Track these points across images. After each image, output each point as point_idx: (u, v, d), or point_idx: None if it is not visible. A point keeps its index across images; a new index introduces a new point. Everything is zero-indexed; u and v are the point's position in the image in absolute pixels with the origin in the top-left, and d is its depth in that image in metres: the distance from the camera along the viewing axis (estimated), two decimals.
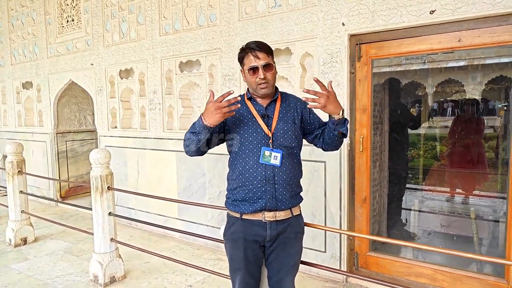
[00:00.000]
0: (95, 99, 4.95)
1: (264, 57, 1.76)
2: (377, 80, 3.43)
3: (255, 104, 1.84)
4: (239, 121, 1.81)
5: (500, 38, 2.42)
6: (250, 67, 1.77)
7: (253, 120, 1.80)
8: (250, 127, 1.79)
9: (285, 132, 1.80)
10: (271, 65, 1.78)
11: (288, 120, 1.82)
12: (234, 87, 3.58)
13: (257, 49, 1.76)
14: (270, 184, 1.74)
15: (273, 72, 1.80)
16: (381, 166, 3.58)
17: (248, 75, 1.79)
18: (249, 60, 1.77)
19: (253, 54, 1.76)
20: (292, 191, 1.81)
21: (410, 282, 2.84)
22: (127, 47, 4.49)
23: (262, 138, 1.77)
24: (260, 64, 1.74)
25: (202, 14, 3.80)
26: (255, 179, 1.75)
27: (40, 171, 5.79)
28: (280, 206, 1.76)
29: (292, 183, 1.81)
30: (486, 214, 3.96)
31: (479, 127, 4.65)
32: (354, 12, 2.86)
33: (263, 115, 1.81)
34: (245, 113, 1.83)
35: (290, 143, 1.80)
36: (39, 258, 3.66)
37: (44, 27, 5.59)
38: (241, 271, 1.82)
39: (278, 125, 1.80)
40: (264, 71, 1.75)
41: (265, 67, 1.75)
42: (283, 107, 1.85)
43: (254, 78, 1.77)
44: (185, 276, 3.22)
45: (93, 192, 3.07)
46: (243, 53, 1.80)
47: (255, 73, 1.76)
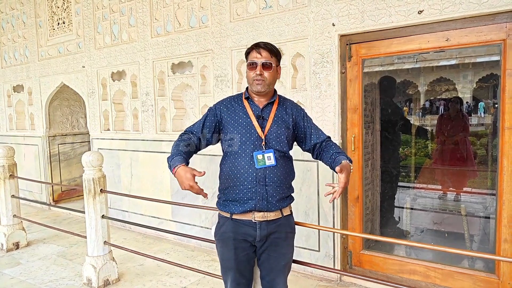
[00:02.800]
0: (87, 101, 4.92)
1: (266, 56, 1.78)
2: (369, 79, 3.46)
3: (252, 104, 1.84)
4: (234, 120, 1.81)
5: (487, 37, 2.46)
6: (249, 62, 1.79)
7: (247, 121, 1.80)
8: (244, 127, 1.79)
9: (278, 135, 1.80)
10: (271, 65, 1.78)
11: (282, 124, 1.82)
12: (226, 88, 3.60)
13: (262, 47, 1.79)
14: (260, 186, 1.74)
15: (272, 72, 1.80)
16: (373, 165, 3.60)
17: (247, 70, 1.82)
18: (251, 56, 1.80)
19: (257, 50, 1.79)
20: (283, 193, 1.81)
21: (403, 279, 2.87)
22: (119, 49, 4.47)
23: (255, 139, 1.77)
24: (260, 61, 1.76)
25: (193, 16, 3.80)
26: (245, 180, 1.75)
27: (32, 175, 5.75)
28: (270, 208, 1.76)
29: (283, 185, 1.80)
30: (477, 211, 4.00)
31: (464, 124, 4.72)
32: (344, 12, 2.89)
33: (258, 116, 1.81)
34: (241, 112, 1.83)
35: (282, 147, 1.80)
36: (32, 263, 3.63)
37: (34, 29, 5.55)
38: (232, 271, 1.82)
39: (272, 128, 1.80)
40: (262, 69, 1.76)
41: (264, 65, 1.77)
42: (279, 111, 1.85)
43: (251, 73, 1.79)
44: (180, 278, 3.22)
45: (85, 195, 3.05)
46: (249, 49, 1.83)
47: (254, 68, 1.78)
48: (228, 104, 1.88)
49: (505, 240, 2.51)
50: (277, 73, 1.85)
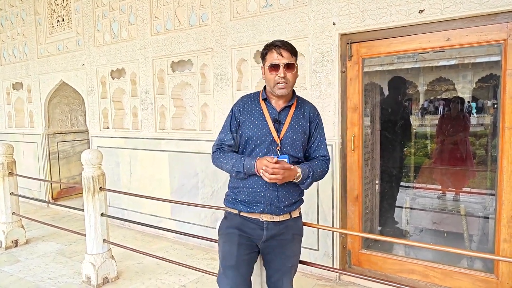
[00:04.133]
0: (86, 99, 4.91)
1: (288, 57, 1.71)
2: (369, 78, 3.45)
3: (269, 106, 1.79)
4: (250, 121, 1.77)
5: (488, 37, 2.46)
6: (271, 63, 1.71)
7: (263, 123, 1.75)
8: (260, 130, 1.74)
9: (293, 141, 1.75)
10: (294, 66, 1.73)
11: (298, 129, 1.77)
12: (226, 87, 3.59)
13: (282, 47, 1.71)
14: (270, 191, 1.71)
15: (294, 73, 1.74)
16: (372, 164, 3.61)
17: (268, 72, 1.74)
18: (271, 56, 1.71)
19: (277, 51, 1.70)
20: (293, 198, 1.78)
21: (402, 279, 2.87)
22: (119, 47, 4.46)
23: (269, 143, 1.73)
24: (282, 62, 1.69)
25: (193, 14, 3.79)
26: (255, 183, 1.72)
27: (31, 173, 5.73)
28: (278, 212, 1.74)
29: (293, 191, 1.77)
30: (476, 211, 4.01)
31: (465, 124, 4.72)
32: (344, 11, 2.88)
33: (275, 119, 1.75)
34: (257, 114, 1.77)
35: (296, 153, 1.76)
36: (31, 260, 3.63)
37: (34, 27, 5.53)
38: (232, 270, 1.74)
39: (288, 132, 1.74)
40: (285, 71, 1.70)
41: (287, 67, 1.70)
42: (296, 115, 1.79)
43: (273, 76, 1.71)
44: (179, 276, 3.21)
45: (85, 193, 3.05)
46: (267, 49, 1.75)
47: (275, 70, 1.70)
48: (245, 104, 1.83)
49: (504, 240, 2.51)
50: (297, 73, 1.79)
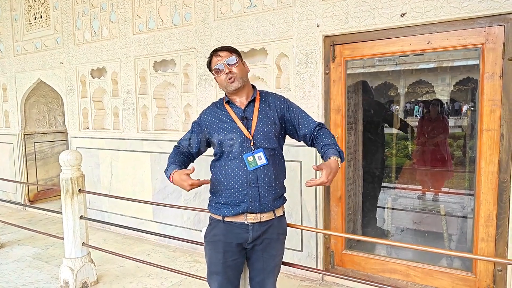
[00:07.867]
0: (65, 99, 4.78)
1: (227, 55, 1.78)
2: (351, 80, 3.49)
3: (234, 107, 1.82)
4: (219, 126, 1.80)
5: (467, 41, 2.52)
6: (214, 68, 1.79)
7: (232, 124, 1.77)
8: (230, 131, 1.76)
9: (265, 133, 1.77)
10: (235, 59, 1.78)
11: (268, 121, 1.79)
12: (209, 87, 3.56)
13: (219, 50, 1.80)
14: (252, 188, 1.72)
15: (239, 66, 1.78)
16: (355, 165, 3.64)
17: (216, 77, 1.81)
18: (213, 63, 1.81)
19: (216, 55, 1.80)
20: (275, 193, 1.79)
21: (384, 278, 2.91)
22: (99, 46, 4.36)
23: (242, 141, 1.74)
24: (223, 62, 1.76)
25: (176, 13, 3.75)
26: (236, 182, 1.73)
27: (7, 174, 5.54)
28: (262, 209, 1.74)
29: (275, 185, 1.78)
30: (455, 211, 4.10)
31: (444, 126, 4.83)
32: (328, 13, 2.90)
33: (242, 117, 1.78)
34: (224, 117, 1.80)
35: (271, 145, 1.77)
36: (5, 265, 3.49)
37: (10, 24, 5.35)
38: (219, 275, 1.78)
39: (258, 126, 1.77)
40: (229, 67, 1.76)
41: (229, 63, 1.76)
42: (262, 108, 1.81)
43: (221, 77, 1.78)
44: (161, 279, 3.16)
45: (63, 195, 2.96)
46: (209, 59, 1.84)
47: (221, 72, 1.77)
48: (211, 112, 1.87)
49: (482, 239, 2.57)
50: (244, 66, 1.83)
